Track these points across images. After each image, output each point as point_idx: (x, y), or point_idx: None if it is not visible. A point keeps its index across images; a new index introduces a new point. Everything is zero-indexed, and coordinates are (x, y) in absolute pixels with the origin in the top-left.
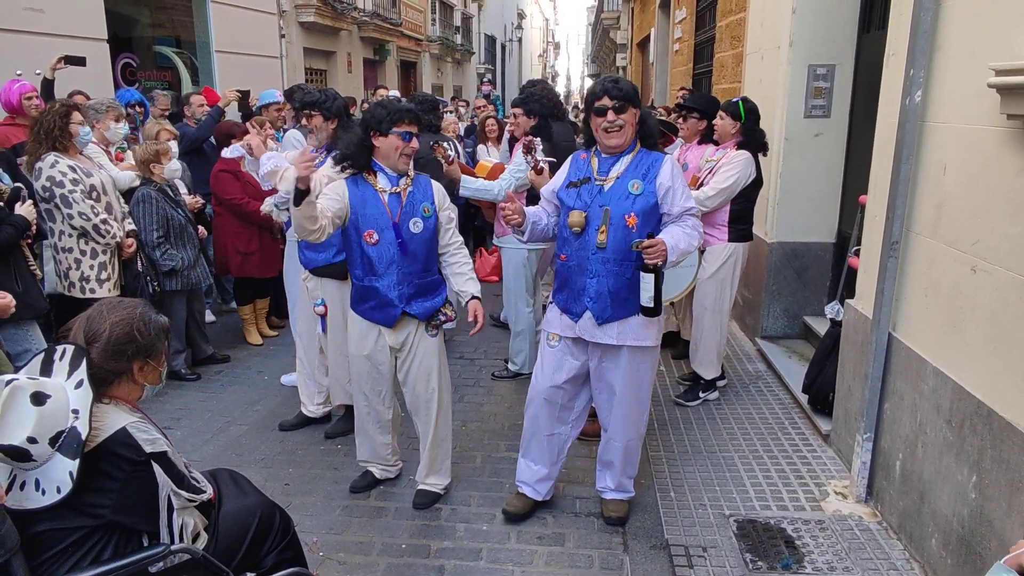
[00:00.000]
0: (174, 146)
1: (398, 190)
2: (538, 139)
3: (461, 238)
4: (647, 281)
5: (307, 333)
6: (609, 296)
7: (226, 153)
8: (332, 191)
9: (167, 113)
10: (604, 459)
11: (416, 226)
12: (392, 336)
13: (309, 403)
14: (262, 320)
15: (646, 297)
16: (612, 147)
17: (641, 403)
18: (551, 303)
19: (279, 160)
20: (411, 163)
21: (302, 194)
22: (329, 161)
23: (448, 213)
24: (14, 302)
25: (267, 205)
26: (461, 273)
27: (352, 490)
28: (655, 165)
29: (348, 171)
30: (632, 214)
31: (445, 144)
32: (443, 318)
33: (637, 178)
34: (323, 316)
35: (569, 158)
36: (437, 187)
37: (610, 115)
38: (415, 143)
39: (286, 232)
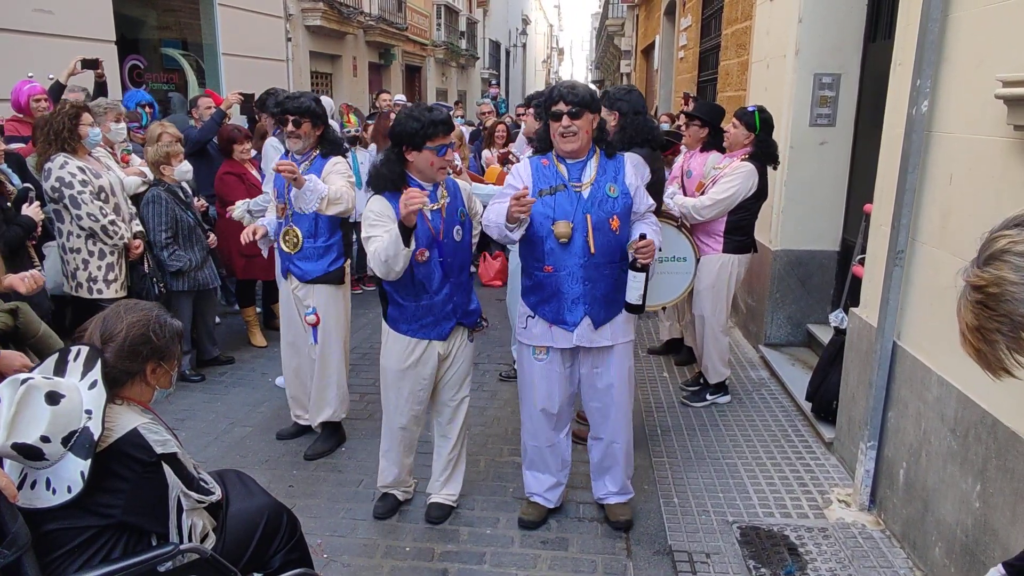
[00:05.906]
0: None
1: (438, 206)
2: (513, 152)
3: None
4: (639, 280)
5: (293, 344)
6: (603, 299)
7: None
8: (384, 220)
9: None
10: (604, 465)
11: (458, 234)
12: (443, 345)
13: (304, 413)
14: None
15: (636, 295)
16: (568, 152)
17: (631, 396)
18: (532, 317)
19: (318, 184)
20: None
21: (409, 231)
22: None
23: (476, 208)
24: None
25: (239, 210)
26: None
27: (376, 516)
28: (620, 167)
29: (382, 191)
30: (615, 216)
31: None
32: (484, 324)
33: (610, 181)
34: (315, 326)
35: (527, 165)
36: (463, 187)
37: (565, 120)
38: (450, 155)
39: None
